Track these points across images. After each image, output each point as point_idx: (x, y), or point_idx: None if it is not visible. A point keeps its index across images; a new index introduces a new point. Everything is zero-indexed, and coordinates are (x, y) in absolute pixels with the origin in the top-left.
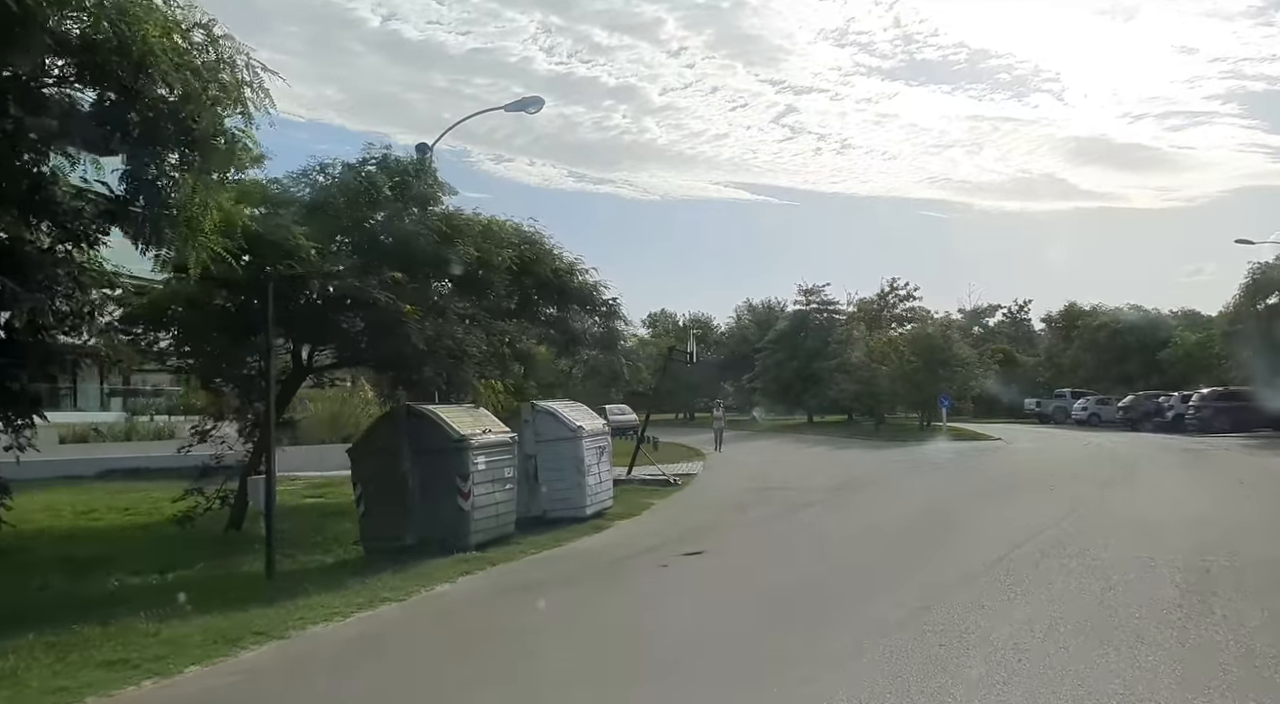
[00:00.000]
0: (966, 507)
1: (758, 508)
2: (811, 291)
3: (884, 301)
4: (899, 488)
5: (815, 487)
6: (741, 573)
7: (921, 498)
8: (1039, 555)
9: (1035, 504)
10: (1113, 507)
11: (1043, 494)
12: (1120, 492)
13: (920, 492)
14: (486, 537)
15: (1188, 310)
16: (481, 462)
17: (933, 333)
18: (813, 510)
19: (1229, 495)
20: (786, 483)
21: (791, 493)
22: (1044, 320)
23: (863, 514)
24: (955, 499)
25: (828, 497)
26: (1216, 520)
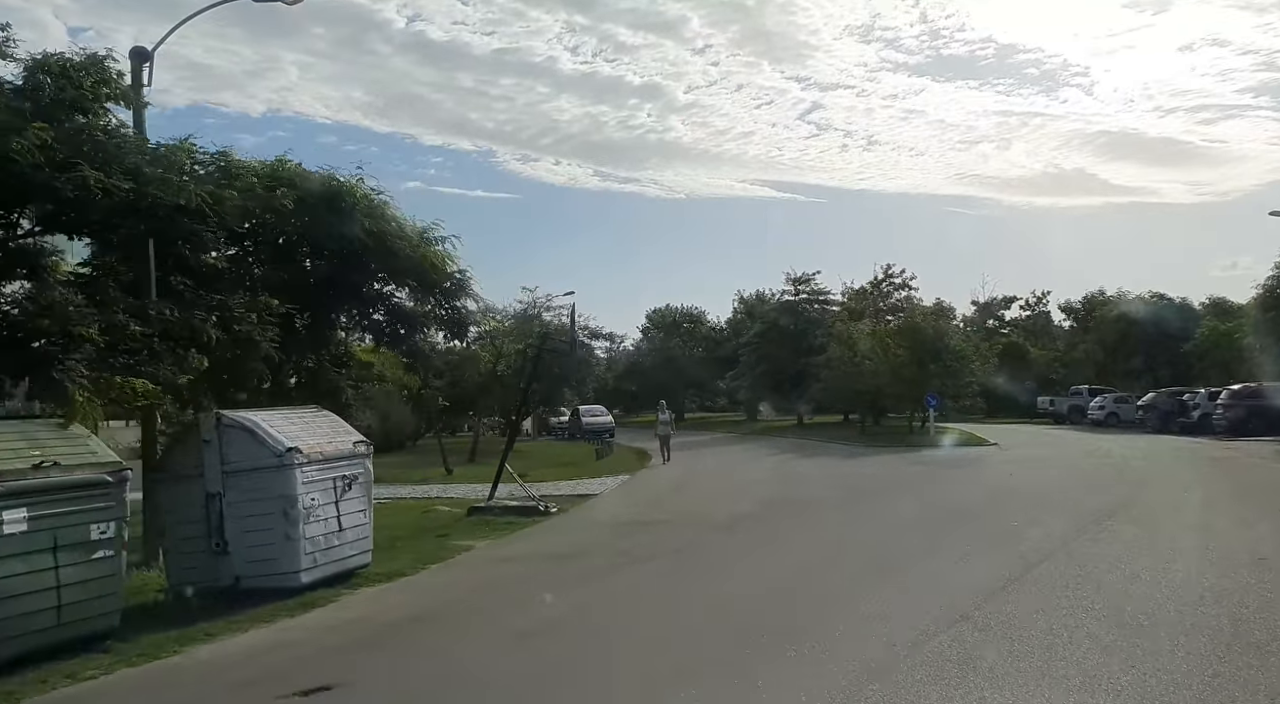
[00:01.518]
0: (861, 570)
1: (596, 556)
2: (801, 280)
3: (878, 290)
4: (813, 524)
5: (710, 520)
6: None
7: (820, 546)
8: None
9: (965, 564)
10: (1088, 571)
11: (992, 540)
12: (1111, 538)
13: (830, 533)
14: (29, 644)
15: (1216, 298)
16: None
17: (922, 323)
18: (654, 567)
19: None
20: (686, 513)
21: (674, 529)
22: (1062, 309)
23: (708, 581)
24: (864, 551)
25: (703, 538)
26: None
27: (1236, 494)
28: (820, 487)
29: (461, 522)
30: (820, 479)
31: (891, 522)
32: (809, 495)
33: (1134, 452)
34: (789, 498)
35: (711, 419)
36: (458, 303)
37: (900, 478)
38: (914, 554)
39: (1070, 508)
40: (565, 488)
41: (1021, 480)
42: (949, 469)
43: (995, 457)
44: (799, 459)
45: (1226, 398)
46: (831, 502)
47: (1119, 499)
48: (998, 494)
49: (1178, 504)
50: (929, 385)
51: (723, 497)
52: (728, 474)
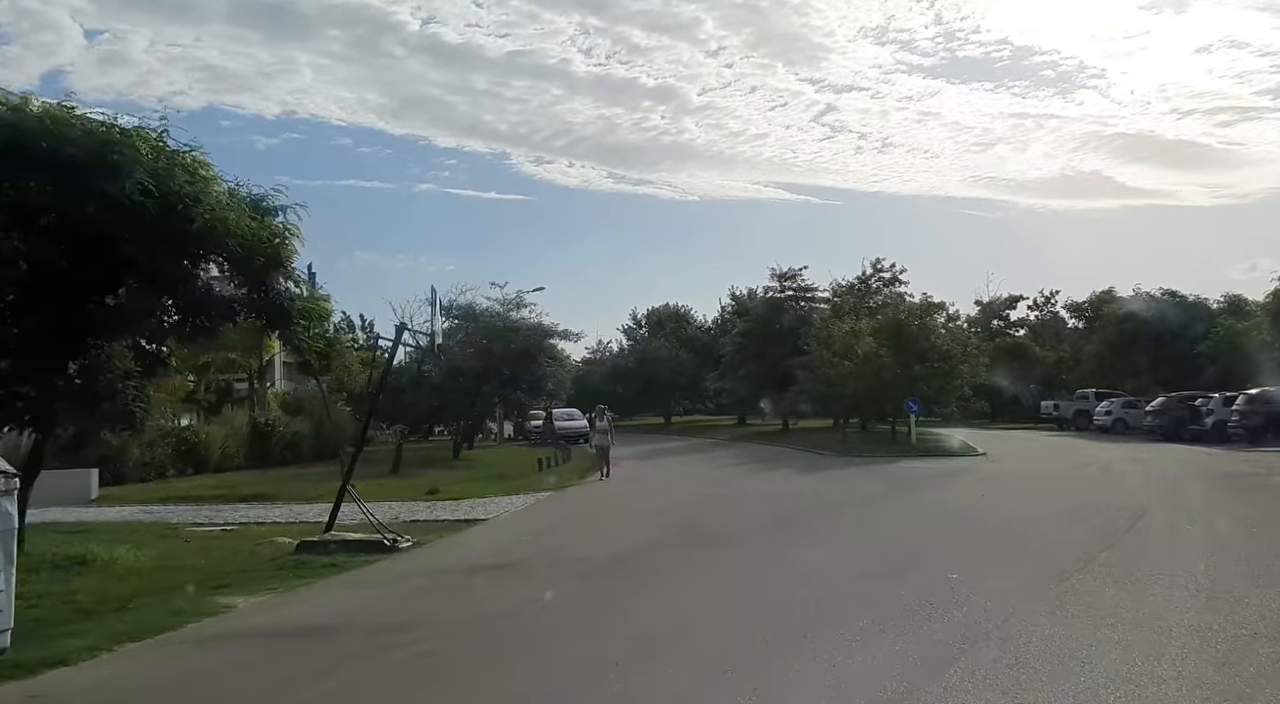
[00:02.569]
0: (702, 660)
1: (353, 639)
2: (787, 276)
3: (865, 286)
4: (694, 573)
5: (579, 563)
6: None
7: (678, 612)
8: None
9: (851, 654)
10: (1029, 672)
11: (910, 608)
12: (1077, 607)
13: (705, 588)
14: None
15: (1232, 296)
16: None
17: (905, 320)
18: (423, 652)
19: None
20: (557, 552)
21: (518, 579)
22: (1067, 308)
23: (486, 676)
24: (726, 622)
25: (540, 596)
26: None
27: (1255, 527)
28: (747, 512)
29: (279, 560)
30: (755, 501)
31: (796, 570)
32: (724, 526)
33: (1136, 466)
34: (698, 530)
35: (701, 423)
36: (277, 286)
37: (850, 499)
38: (791, 631)
39: (1036, 550)
40: (464, 509)
41: (992, 504)
42: (915, 487)
43: (977, 470)
44: (755, 473)
45: (1243, 404)
46: (743, 535)
47: (1103, 536)
48: (954, 526)
49: (1178, 545)
50: (913, 389)
51: (621, 527)
52: (657, 493)
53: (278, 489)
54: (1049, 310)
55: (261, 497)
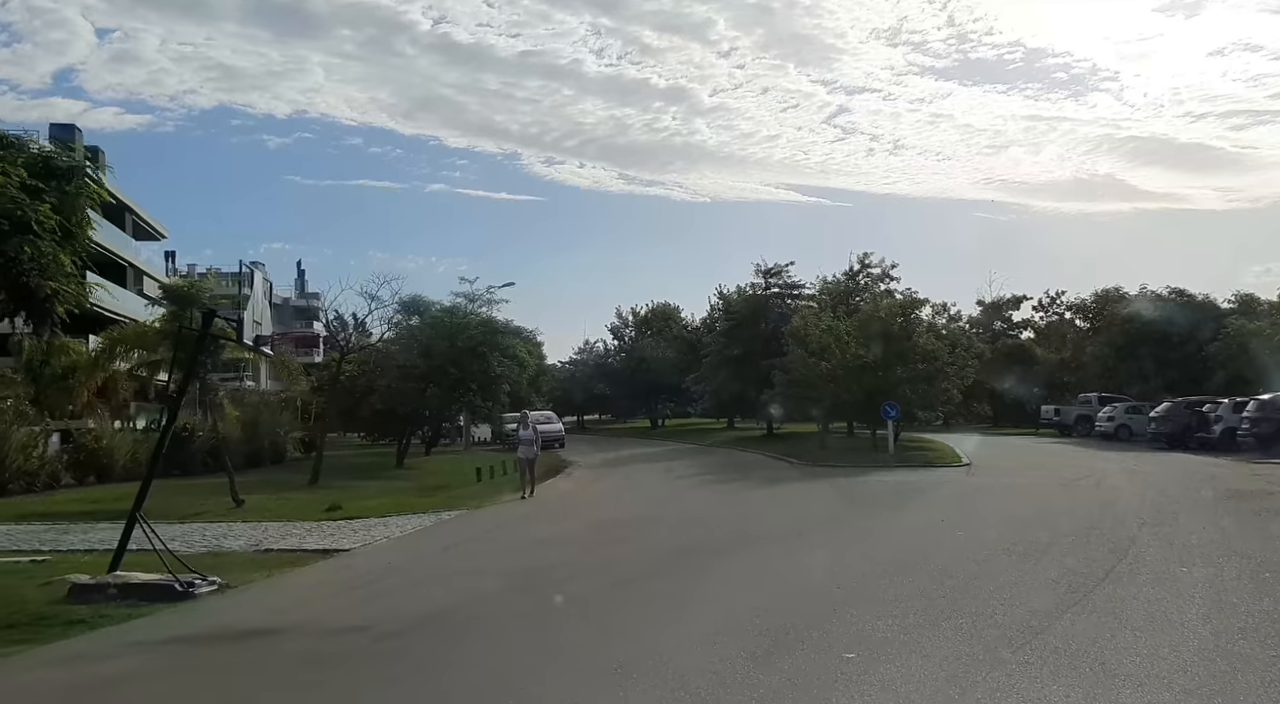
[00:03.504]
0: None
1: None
2: (772, 272)
3: (853, 282)
4: (493, 648)
5: (373, 626)
6: None
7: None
8: None
9: None
10: None
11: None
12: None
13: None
14: None
15: (1244, 295)
16: None
17: (884, 317)
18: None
19: None
20: (363, 606)
21: (271, 656)
22: (1070, 308)
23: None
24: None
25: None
26: None
27: (1267, 569)
28: (643, 547)
29: (44, 608)
30: (670, 528)
31: (640, 645)
32: (589, 572)
33: (1133, 480)
34: (552, 576)
35: (690, 426)
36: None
37: (780, 528)
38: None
39: (975, 612)
40: (345, 533)
41: (948, 535)
42: (869, 509)
43: (953, 485)
44: (706, 487)
45: (1254, 410)
46: (598, 589)
47: (1073, 586)
48: (892, 568)
49: (1166, 601)
50: (895, 392)
51: (475, 569)
52: (571, 516)
53: (159, 505)
54: (1054, 311)
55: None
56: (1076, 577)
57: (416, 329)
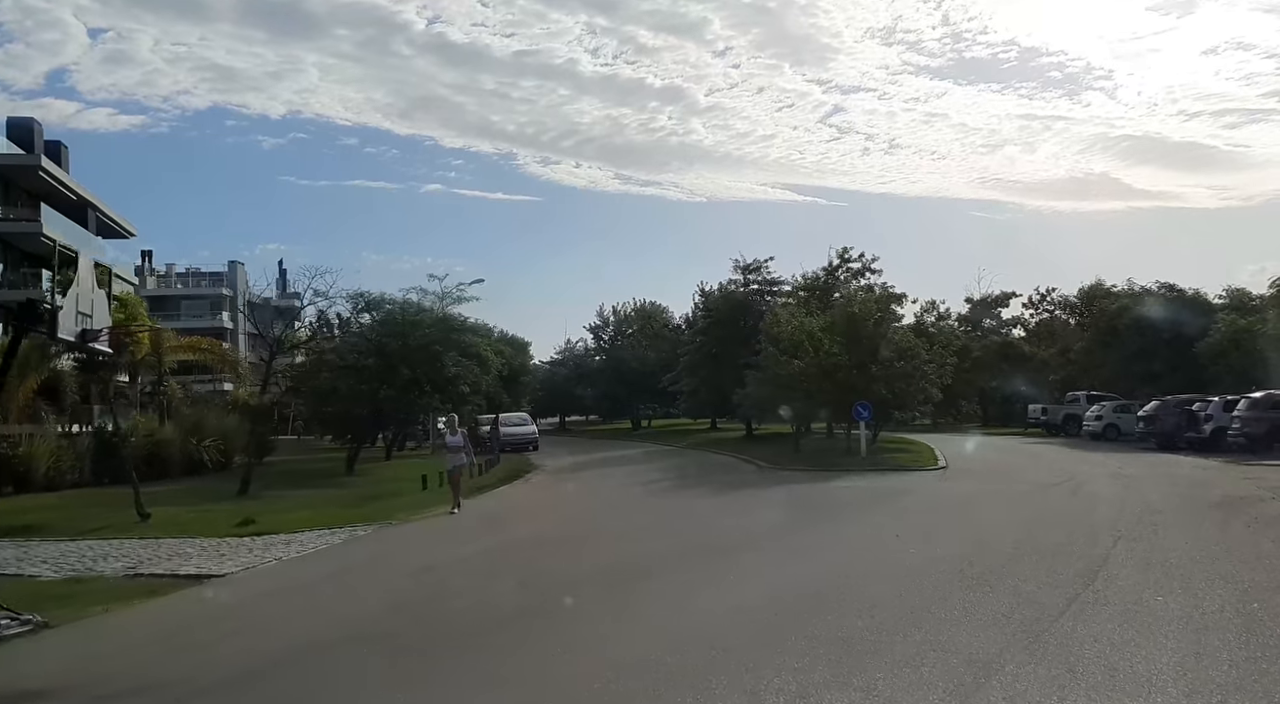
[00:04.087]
0: None
1: None
2: (751, 268)
3: (833, 277)
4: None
5: (145, 689)
6: None
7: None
8: None
9: None
10: None
11: None
12: None
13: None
14: None
15: (1235, 289)
16: None
17: (858, 312)
18: None
19: None
20: (157, 666)
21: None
22: (1056, 304)
23: None
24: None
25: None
26: None
27: (1254, 597)
28: (559, 566)
29: None
30: (595, 544)
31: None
32: (471, 609)
33: (1115, 485)
34: (435, 611)
35: (673, 427)
36: None
37: (727, 540)
38: None
39: (908, 656)
40: (243, 551)
41: (898, 552)
42: (821, 520)
43: (921, 492)
44: (662, 493)
45: (1245, 409)
46: (474, 625)
47: (1027, 619)
48: (817, 600)
49: (1134, 643)
50: (869, 391)
51: (332, 613)
52: (488, 533)
53: (62, 518)
54: (1044, 308)
55: (30, 529)
56: (1032, 609)
57: (367, 327)
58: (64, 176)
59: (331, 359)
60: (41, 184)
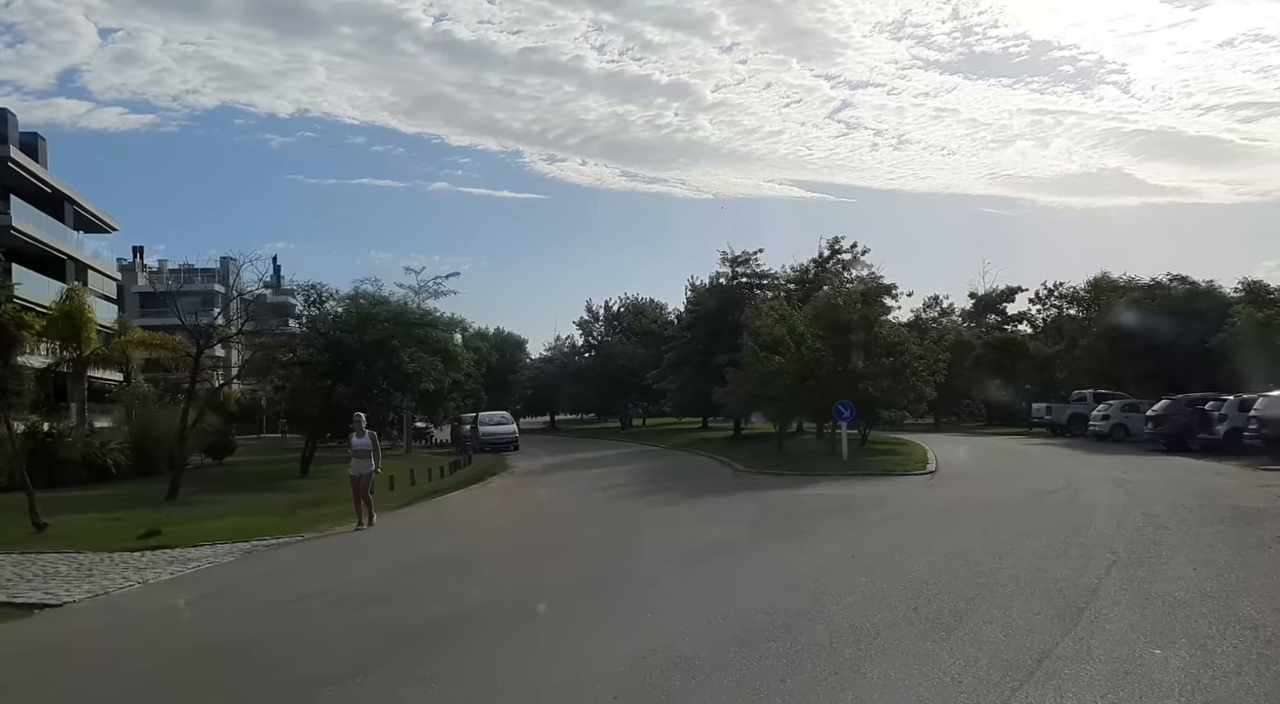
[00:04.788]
0: None
1: None
2: (739, 260)
3: (823, 269)
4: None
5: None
6: None
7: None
8: None
9: None
10: None
11: None
12: None
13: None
14: None
15: (1252, 281)
16: None
17: (842, 304)
18: None
19: None
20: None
21: None
22: (1063, 298)
23: None
24: None
25: None
26: None
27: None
28: (441, 600)
29: None
30: (512, 566)
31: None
32: (288, 661)
33: (1117, 494)
34: (240, 665)
35: (664, 426)
36: None
37: (659, 560)
38: None
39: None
40: (121, 567)
41: (846, 582)
42: (777, 537)
43: (898, 502)
44: (620, 500)
45: (1263, 408)
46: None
47: (981, 687)
48: (732, 648)
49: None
50: (855, 389)
51: (123, 665)
52: (401, 550)
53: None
54: (1051, 303)
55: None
56: (994, 667)
57: (319, 319)
58: (36, 168)
59: (285, 355)
60: (11, 176)
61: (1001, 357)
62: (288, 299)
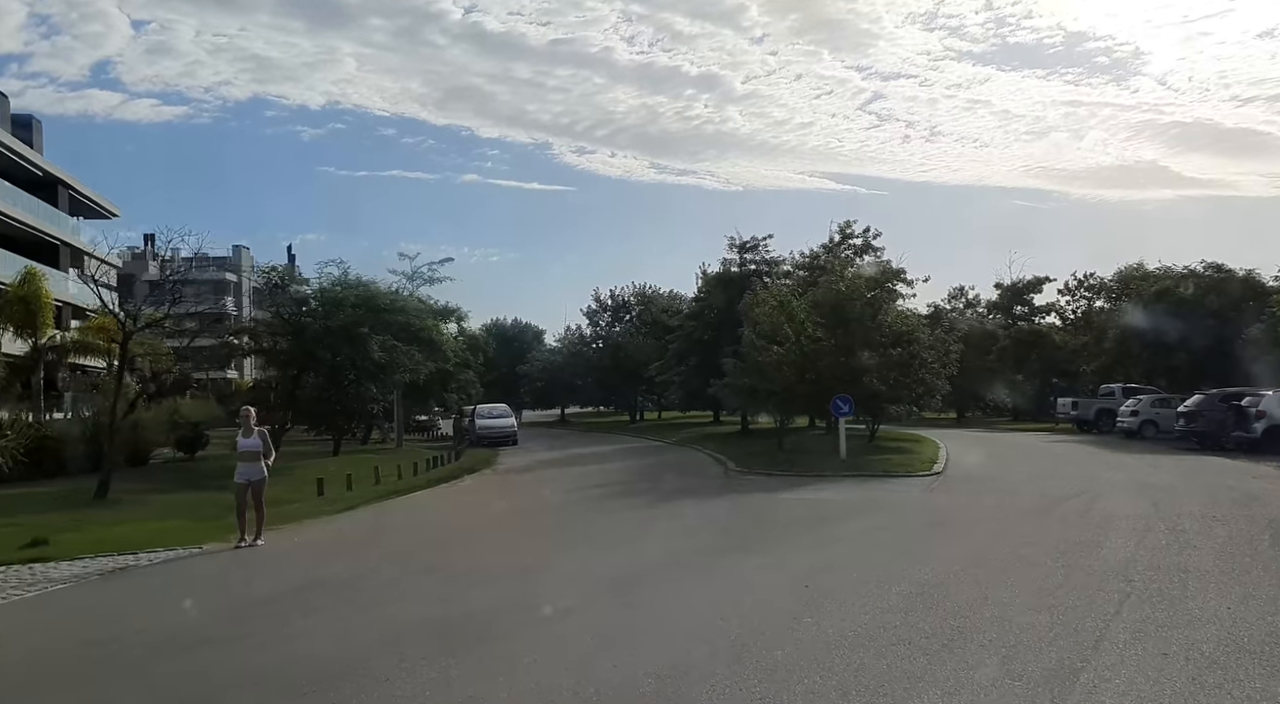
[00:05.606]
0: None
1: None
2: (748, 246)
3: (833, 255)
4: None
5: None
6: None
7: None
8: None
9: None
10: None
11: None
12: None
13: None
14: None
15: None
16: None
17: (845, 290)
18: None
19: None
20: None
21: None
22: (1091, 289)
23: None
24: None
25: None
26: None
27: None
28: (273, 656)
29: None
30: (400, 594)
31: None
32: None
33: (1140, 501)
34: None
35: (674, 420)
36: None
37: (587, 583)
38: None
39: None
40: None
41: (779, 626)
42: (733, 553)
43: (889, 511)
44: (591, 502)
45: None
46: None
47: None
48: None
49: None
50: (859, 382)
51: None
52: (273, 577)
53: None
54: (1081, 295)
55: None
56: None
57: (283, 305)
58: (26, 151)
59: (247, 343)
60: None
61: (1027, 349)
62: (304, 289)
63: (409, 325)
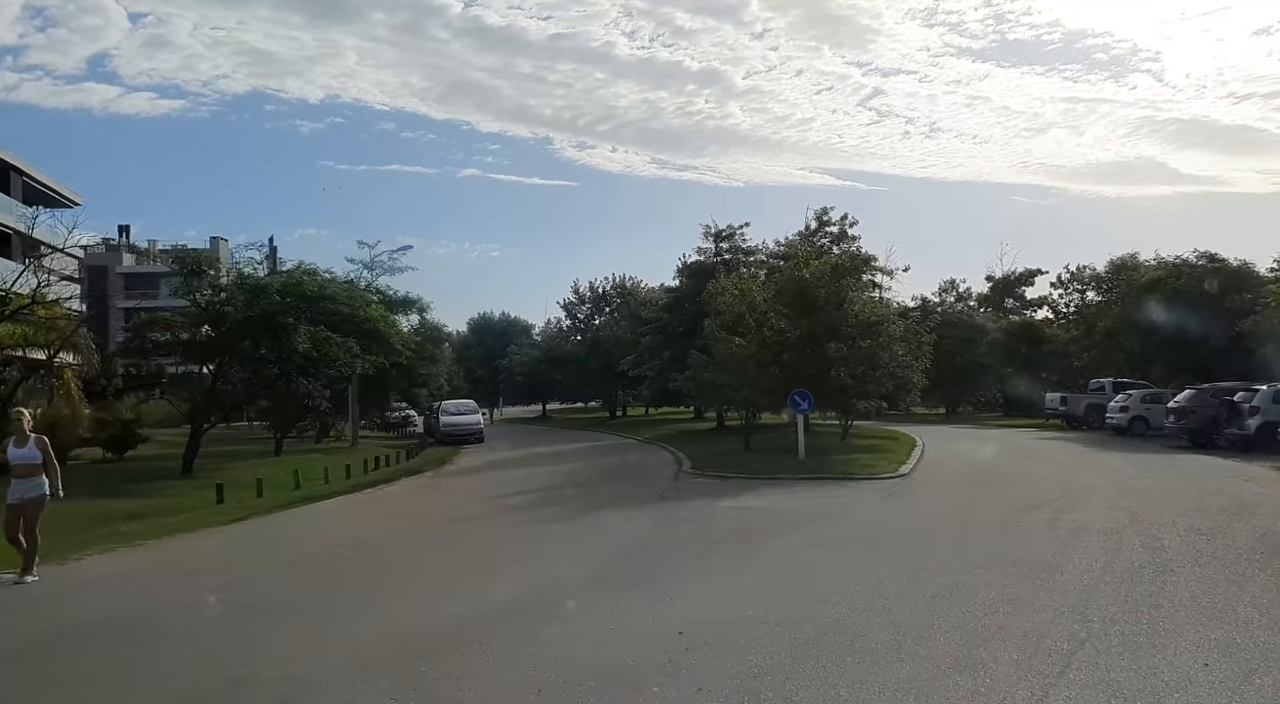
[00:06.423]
0: None
1: None
2: (723, 235)
3: (809, 243)
4: None
5: None
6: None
7: None
8: None
9: None
10: None
11: None
12: None
13: None
14: None
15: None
16: None
17: (809, 277)
18: None
19: None
20: None
21: None
22: (1084, 281)
23: None
24: None
25: None
26: None
27: None
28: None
29: None
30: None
31: None
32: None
33: (1119, 508)
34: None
35: (655, 417)
36: None
37: (403, 634)
38: None
39: None
40: None
41: (624, 691)
42: (618, 587)
43: (833, 521)
44: (515, 512)
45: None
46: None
47: None
48: None
49: None
50: (825, 376)
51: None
52: (35, 617)
53: None
54: (1075, 288)
55: None
56: None
57: (200, 291)
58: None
59: (161, 335)
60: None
61: (1019, 343)
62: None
63: (354, 316)
